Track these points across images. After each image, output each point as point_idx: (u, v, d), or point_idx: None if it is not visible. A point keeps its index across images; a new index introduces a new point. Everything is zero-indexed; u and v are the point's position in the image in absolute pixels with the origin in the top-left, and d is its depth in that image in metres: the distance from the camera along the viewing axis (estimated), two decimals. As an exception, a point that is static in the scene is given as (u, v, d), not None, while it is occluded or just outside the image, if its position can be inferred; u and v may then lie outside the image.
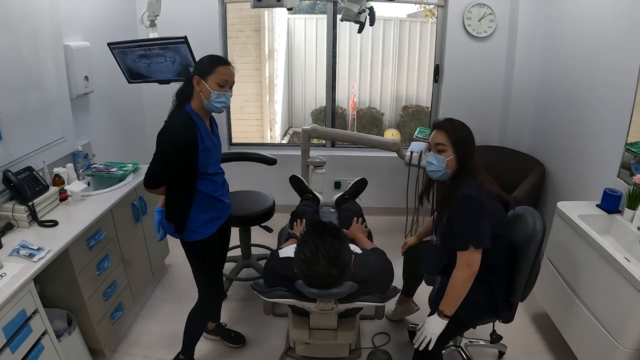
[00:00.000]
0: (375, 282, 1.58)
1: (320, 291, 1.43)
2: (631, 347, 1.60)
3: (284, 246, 1.88)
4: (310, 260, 1.39)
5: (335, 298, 1.47)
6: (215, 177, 1.79)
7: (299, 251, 1.44)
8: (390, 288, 1.64)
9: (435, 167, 1.64)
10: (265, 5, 2.22)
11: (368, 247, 1.89)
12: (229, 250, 2.91)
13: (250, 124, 5.42)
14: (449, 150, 1.61)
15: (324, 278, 1.40)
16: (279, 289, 1.56)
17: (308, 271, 1.41)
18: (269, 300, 1.60)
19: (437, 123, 1.68)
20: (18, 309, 1.44)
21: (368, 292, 1.55)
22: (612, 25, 2.26)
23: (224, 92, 1.65)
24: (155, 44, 2.28)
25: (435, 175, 1.66)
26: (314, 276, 1.41)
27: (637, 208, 1.93)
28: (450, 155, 1.61)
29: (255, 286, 1.62)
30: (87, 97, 2.58)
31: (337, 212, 2.51)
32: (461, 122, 1.67)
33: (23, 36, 1.96)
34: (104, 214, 1.99)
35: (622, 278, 1.63)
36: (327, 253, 1.38)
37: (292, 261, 1.50)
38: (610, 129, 2.27)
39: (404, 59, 5.53)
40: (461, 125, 1.66)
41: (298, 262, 1.44)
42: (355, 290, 1.47)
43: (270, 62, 5.37)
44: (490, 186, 1.62)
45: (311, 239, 1.42)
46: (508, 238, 1.69)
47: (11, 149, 1.90)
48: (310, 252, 1.39)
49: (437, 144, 1.63)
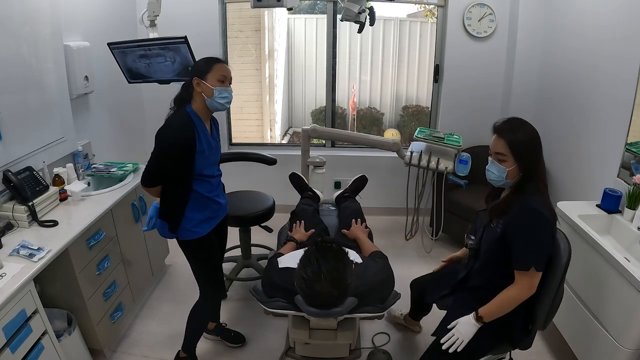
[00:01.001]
0: (376, 293, 1.57)
1: (320, 311, 1.41)
2: (632, 347, 1.60)
3: (283, 250, 1.87)
4: (311, 280, 1.37)
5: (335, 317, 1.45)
6: (211, 179, 1.79)
7: (301, 269, 1.41)
8: (391, 295, 1.62)
9: (496, 176, 1.52)
10: (265, 5, 2.22)
11: (369, 249, 1.89)
12: (229, 250, 2.94)
13: (250, 124, 5.42)
14: (510, 160, 1.47)
15: (324, 299, 1.38)
16: (279, 299, 1.55)
17: (309, 291, 1.39)
18: (269, 310, 1.59)
19: (497, 128, 1.51)
20: (18, 309, 1.44)
21: (368, 303, 1.53)
22: (612, 26, 2.26)
23: (225, 87, 1.67)
24: (155, 44, 2.28)
25: (497, 184, 1.56)
26: (314, 296, 1.39)
27: (637, 208, 1.93)
28: (512, 165, 1.47)
29: (255, 294, 1.62)
30: (87, 97, 2.57)
31: (337, 211, 2.51)
32: (524, 125, 1.49)
33: (23, 36, 1.96)
34: (104, 214, 1.99)
35: (622, 278, 1.63)
36: (330, 275, 1.36)
37: (291, 272, 1.49)
38: (610, 129, 2.27)
39: (404, 59, 5.53)
40: (524, 129, 1.48)
41: (299, 281, 1.41)
42: (356, 304, 1.46)
43: (270, 62, 5.37)
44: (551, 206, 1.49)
45: (315, 258, 1.39)
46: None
47: (11, 149, 1.90)
48: (313, 273, 1.37)
49: (497, 153, 1.50)
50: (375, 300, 1.57)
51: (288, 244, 1.94)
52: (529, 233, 1.42)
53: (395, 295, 1.63)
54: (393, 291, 1.65)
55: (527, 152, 1.46)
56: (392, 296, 1.62)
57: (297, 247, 1.94)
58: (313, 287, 1.37)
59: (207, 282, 1.92)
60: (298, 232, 2.06)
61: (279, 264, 1.65)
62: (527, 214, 1.43)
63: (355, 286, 1.45)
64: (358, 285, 1.47)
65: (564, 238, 1.52)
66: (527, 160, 1.47)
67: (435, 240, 3.14)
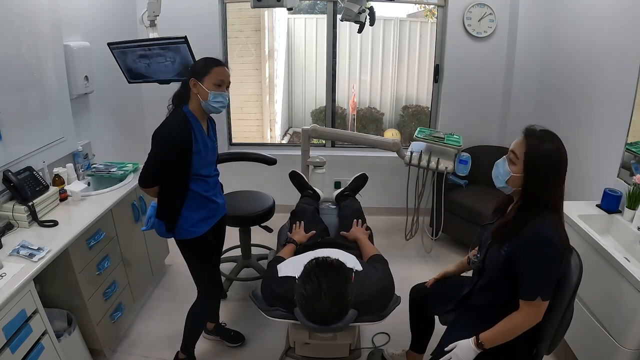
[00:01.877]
0: (376, 302, 1.55)
1: (319, 327, 1.40)
2: (632, 347, 1.60)
3: (283, 253, 1.86)
4: (311, 298, 1.35)
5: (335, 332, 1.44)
6: (209, 179, 1.79)
7: (300, 285, 1.39)
8: (391, 302, 1.60)
9: (499, 174, 1.42)
10: (265, 5, 2.22)
11: (369, 252, 1.88)
12: (230, 250, 2.94)
13: (250, 124, 5.42)
14: (519, 166, 1.35)
15: (324, 316, 1.37)
16: (279, 309, 1.54)
17: (308, 307, 1.38)
18: (269, 318, 1.58)
19: (527, 130, 1.37)
20: (18, 309, 1.44)
21: (368, 312, 1.52)
22: (612, 26, 2.26)
23: (220, 92, 1.65)
24: (155, 44, 2.28)
25: (497, 184, 1.45)
26: (314, 312, 1.37)
27: (637, 208, 1.93)
28: (518, 172, 1.35)
29: (255, 300, 1.61)
30: (87, 97, 2.57)
31: (337, 209, 2.51)
32: (554, 141, 1.34)
33: (23, 36, 1.96)
34: (104, 214, 1.99)
35: (622, 278, 1.63)
36: (330, 292, 1.34)
37: (291, 281, 1.48)
38: (610, 128, 2.27)
39: (404, 59, 5.54)
40: (551, 144, 1.33)
41: (299, 296, 1.39)
42: (355, 317, 1.45)
43: (270, 62, 5.37)
44: (563, 229, 1.36)
45: (315, 275, 1.37)
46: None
47: (11, 149, 1.90)
48: (313, 290, 1.35)
49: (512, 151, 1.38)
50: (375, 309, 1.55)
51: (287, 247, 1.93)
52: (537, 262, 1.31)
53: (395, 300, 1.61)
54: (393, 296, 1.63)
55: (540, 166, 1.32)
56: (392, 302, 1.60)
57: (297, 248, 1.94)
58: (313, 304, 1.36)
59: (205, 282, 1.92)
60: (298, 234, 2.05)
61: (278, 272, 1.63)
62: (536, 240, 1.31)
63: (355, 295, 1.43)
64: (358, 295, 1.45)
65: (576, 257, 1.41)
66: (535, 177, 1.33)
67: (435, 240, 3.14)
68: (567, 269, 1.39)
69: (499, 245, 1.41)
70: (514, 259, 1.36)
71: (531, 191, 1.35)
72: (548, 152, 1.32)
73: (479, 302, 1.54)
